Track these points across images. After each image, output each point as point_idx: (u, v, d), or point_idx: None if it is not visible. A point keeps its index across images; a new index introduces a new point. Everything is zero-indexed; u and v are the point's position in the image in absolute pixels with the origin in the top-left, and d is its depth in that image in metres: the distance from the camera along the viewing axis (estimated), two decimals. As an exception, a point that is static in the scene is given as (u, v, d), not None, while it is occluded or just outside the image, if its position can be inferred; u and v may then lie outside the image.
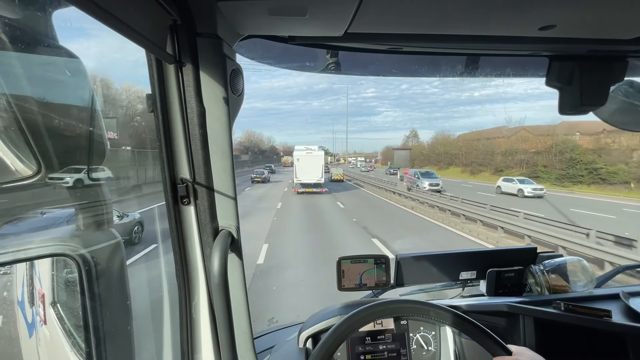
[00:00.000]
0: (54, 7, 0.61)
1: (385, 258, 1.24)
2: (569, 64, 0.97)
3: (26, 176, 0.59)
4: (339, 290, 1.21)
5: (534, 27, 0.78)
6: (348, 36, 0.82)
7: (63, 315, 0.97)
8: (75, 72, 0.67)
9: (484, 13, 0.72)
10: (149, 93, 0.73)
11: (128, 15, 0.49)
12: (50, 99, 0.65)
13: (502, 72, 1.16)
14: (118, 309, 0.79)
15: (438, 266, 1.30)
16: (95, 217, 0.77)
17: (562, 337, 1.06)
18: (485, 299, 1.27)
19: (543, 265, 1.29)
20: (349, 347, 1.10)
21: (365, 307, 0.77)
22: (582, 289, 1.23)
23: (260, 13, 0.70)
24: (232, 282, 0.82)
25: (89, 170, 0.71)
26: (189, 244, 0.82)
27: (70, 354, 0.89)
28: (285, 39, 0.88)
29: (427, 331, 1.14)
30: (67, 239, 0.72)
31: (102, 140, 0.71)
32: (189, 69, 0.72)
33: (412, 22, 0.77)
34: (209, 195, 0.79)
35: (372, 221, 12.99)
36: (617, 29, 0.81)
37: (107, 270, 0.75)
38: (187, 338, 0.86)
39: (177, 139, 0.76)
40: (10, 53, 0.55)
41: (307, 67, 1.06)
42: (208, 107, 0.75)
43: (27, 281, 1.18)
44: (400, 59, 1.04)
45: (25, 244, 0.69)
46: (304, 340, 1.10)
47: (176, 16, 0.66)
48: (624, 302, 1.11)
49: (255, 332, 1.14)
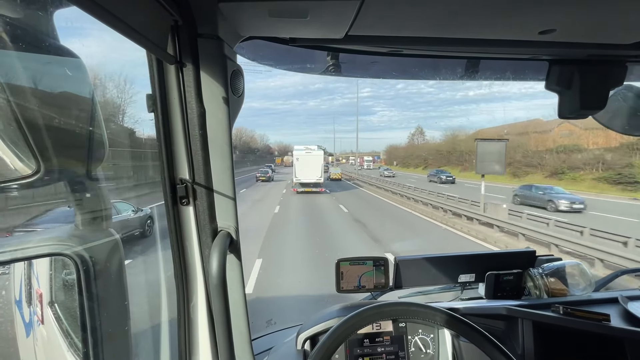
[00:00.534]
0: (55, 6, 0.61)
1: (384, 260, 1.24)
2: (568, 68, 0.97)
3: (25, 175, 0.59)
4: (338, 292, 1.21)
5: (534, 31, 0.78)
6: (349, 38, 0.82)
7: (61, 315, 0.97)
8: (76, 71, 0.67)
9: (485, 17, 0.72)
10: (149, 93, 0.73)
11: (129, 16, 0.49)
12: (50, 98, 0.65)
13: (502, 75, 1.17)
14: (116, 309, 0.78)
15: (437, 269, 1.30)
16: (93, 217, 0.76)
17: (560, 341, 1.06)
18: (484, 302, 1.27)
19: (542, 269, 1.28)
20: (347, 349, 1.09)
21: (376, 306, 0.78)
22: (580, 292, 1.23)
23: (261, 14, 0.71)
24: (231, 283, 0.82)
25: (88, 170, 0.71)
26: (188, 245, 0.82)
27: (67, 354, 0.89)
28: (286, 40, 0.88)
29: (425, 334, 1.14)
30: (65, 238, 0.71)
31: (102, 140, 0.71)
32: (190, 69, 0.72)
33: (412, 25, 0.77)
34: (208, 196, 0.79)
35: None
36: (616, 33, 0.82)
37: (105, 270, 0.74)
38: (184, 339, 0.85)
39: (177, 139, 0.76)
40: (10, 52, 0.55)
41: (307, 68, 1.06)
42: (208, 108, 0.76)
43: (25, 281, 1.18)
44: (401, 62, 1.04)
45: (23, 243, 0.69)
46: (302, 342, 1.10)
47: (177, 17, 0.66)
48: (622, 306, 1.11)
49: (254, 334, 1.13)
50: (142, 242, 6.54)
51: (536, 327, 1.06)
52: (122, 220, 7.69)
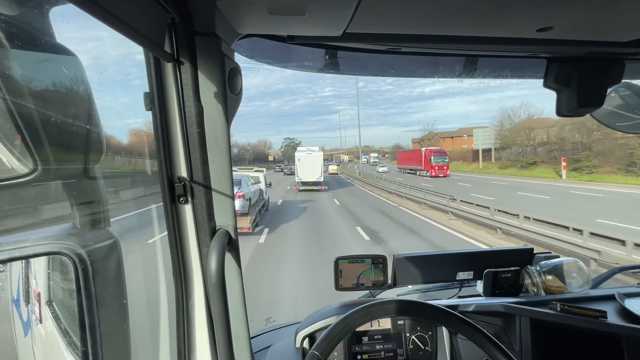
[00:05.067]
0: (51, 4, 0.61)
1: (382, 258, 1.24)
2: (566, 66, 0.97)
3: (22, 174, 0.59)
4: (336, 290, 1.22)
5: (532, 28, 0.78)
6: (347, 36, 0.82)
7: (59, 314, 0.97)
8: (73, 69, 0.66)
9: (482, 14, 0.72)
10: (147, 91, 0.73)
11: (126, 13, 0.48)
12: (47, 96, 0.64)
13: (500, 73, 1.17)
14: (114, 308, 0.78)
15: (435, 266, 1.31)
16: (92, 216, 0.76)
17: (558, 338, 1.06)
18: (481, 299, 1.28)
19: (539, 266, 1.29)
20: (345, 346, 1.10)
21: (375, 303, 0.79)
22: (578, 289, 1.24)
23: (259, 12, 0.70)
24: (229, 281, 0.82)
25: (85, 168, 0.70)
26: (186, 243, 0.82)
27: (65, 353, 0.89)
28: (283, 38, 0.87)
29: (423, 331, 1.14)
30: (63, 237, 0.71)
31: (99, 139, 0.71)
32: (187, 67, 0.72)
33: (410, 22, 0.77)
34: (206, 194, 0.79)
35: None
36: (614, 31, 0.82)
37: (103, 269, 0.74)
38: (183, 337, 0.85)
39: (174, 137, 0.76)
40: (6, 50, 0.54)
41: (305, 66, 1.06)
42: (206, 106, 0.75)
43: (23, 279, 1.17)
44: (399, 60, 1.04)
45: (21, 242, 0.69)
46: (300, 339, 1.10)
47: (174, 14, 0.66)
48: (619, 302, 1.12)
49: (252, 332, 1.14)
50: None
51: (533, 324, 1.07)
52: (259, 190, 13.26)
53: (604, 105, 0.98)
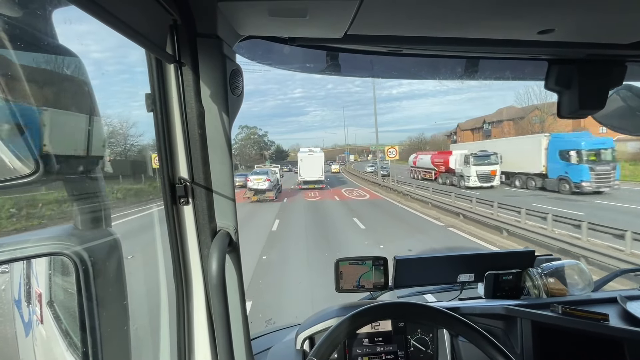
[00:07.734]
0: (54, 5, 0.61)
1: (383, 260, 1.24)
2: (568, 68, 0.97)
3: (24, 175, 0.59)
4: (337, 291, 1.21)
5: (533, 30, 0.78)
6: (348, 38, 0.82)
7: (60, 315, 0.97)
8: (75, 71, 0.66)
9: (484, 17, 0.72)
10: (149, 93, 0.73)
11: (128, 15, 0.49)
12: (49, 97, 0.64)
13: (501, 75, 1.17)
14: (115, 309, 0.78)
15: (436, 268, 1.31)
16: (93, 216, 0.76)
17: (559, 341, 1.06)
18: (483, 301, 1.27)
19: (541, 269, 1.29)
20: (346, 349, 1.09)
21: (376, 305, 0.79)
22: (579, 292, 1.23)
23: (260, 14, 0.71)
24: (230, 283, 0.82)
25: (87, 169, 0.70)
26: (187, 245, 0.82)
27: (66, 354, 0.89)
28: (285, 40, 0.88)
29: (424, 333, 1.14)
30: (64, 238, 0.71)
31: (101, 139, 0.71)
32: (189, 69, 0.72)
33: (411, 24, 0.77)
34: (207, 196, 0.79)
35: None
36: (615, 33, 0.82)
37: (104, 270, 0.74)
38: (184, 338, 0.85)
39: (176, 138, 0.76)
40: (9, 51, 0.55)
41: (306, 68, 1.06)
42: (207, 107, 0.75)
43: (24, 280, 1.17)
44: (400, 61, 1.04)
45: (22, 243, 0.69)
46: (301, 341, 1.10)
47: (176, 16, 0.66)
48: (621, 305, 1.11)
49: (252, 333, 1.13)
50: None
51: (535, 326, 1.07)
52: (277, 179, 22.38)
53: (605, 107, 0.98)
